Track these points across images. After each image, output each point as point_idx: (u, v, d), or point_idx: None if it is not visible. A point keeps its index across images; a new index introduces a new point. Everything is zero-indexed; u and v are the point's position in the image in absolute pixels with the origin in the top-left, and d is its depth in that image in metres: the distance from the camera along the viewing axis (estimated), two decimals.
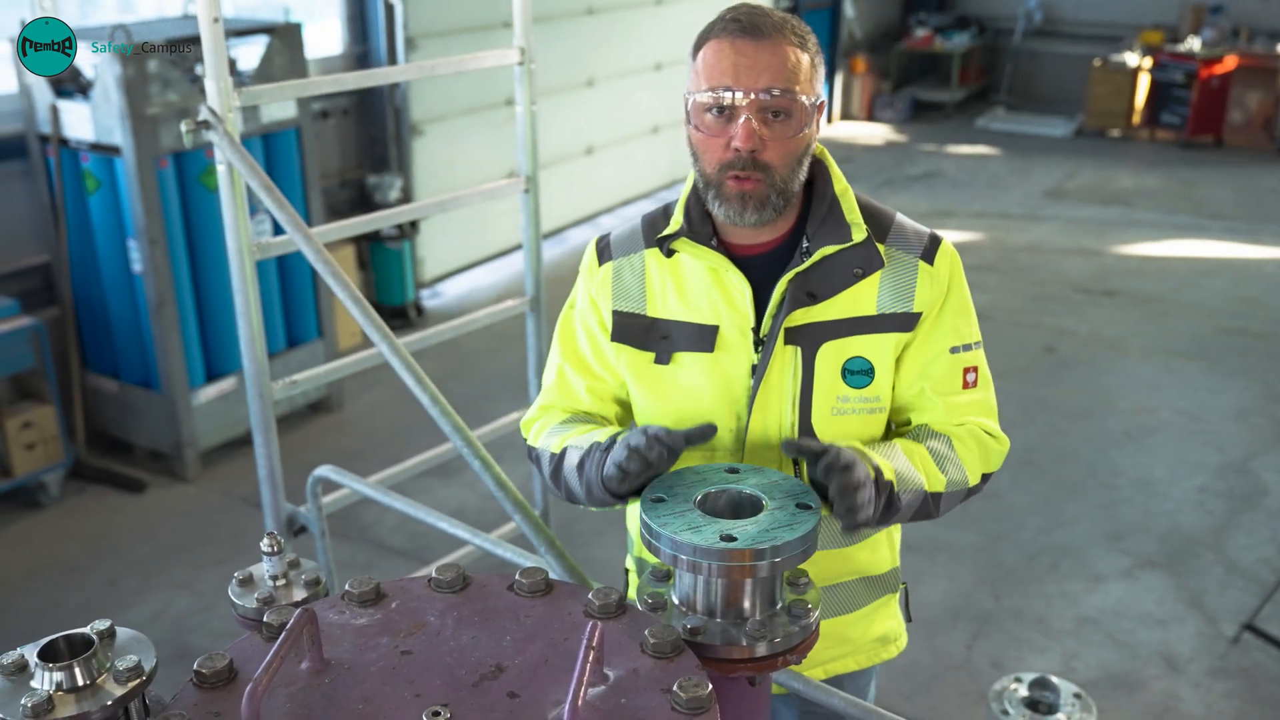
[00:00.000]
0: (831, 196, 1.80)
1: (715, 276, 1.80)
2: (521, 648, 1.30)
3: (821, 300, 1.76)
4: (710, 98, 1.67)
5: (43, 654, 1.20)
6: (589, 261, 1.95)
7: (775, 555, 1.34)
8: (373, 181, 6.64)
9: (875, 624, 1.97)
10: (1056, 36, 12.81)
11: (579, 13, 7.95)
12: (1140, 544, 4.58)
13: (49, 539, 4.65)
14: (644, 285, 1.86)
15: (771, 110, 1.67)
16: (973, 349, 1.84)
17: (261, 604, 1.41)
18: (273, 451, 2.47)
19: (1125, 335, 6.70)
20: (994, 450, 1.83)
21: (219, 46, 2.21)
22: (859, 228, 1.77)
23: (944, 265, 1.82)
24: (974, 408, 1.84)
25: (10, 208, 5.08)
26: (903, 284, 1.79)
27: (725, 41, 1.68)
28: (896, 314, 1.79)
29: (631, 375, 1.87)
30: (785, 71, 1.66)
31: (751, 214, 1.72)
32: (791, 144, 1.70)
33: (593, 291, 1.92)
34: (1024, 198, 9.63)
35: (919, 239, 1.83)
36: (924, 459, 1.75)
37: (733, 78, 1.66)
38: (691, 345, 1.81)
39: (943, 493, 1.75)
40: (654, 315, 1.85)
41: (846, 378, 1.78)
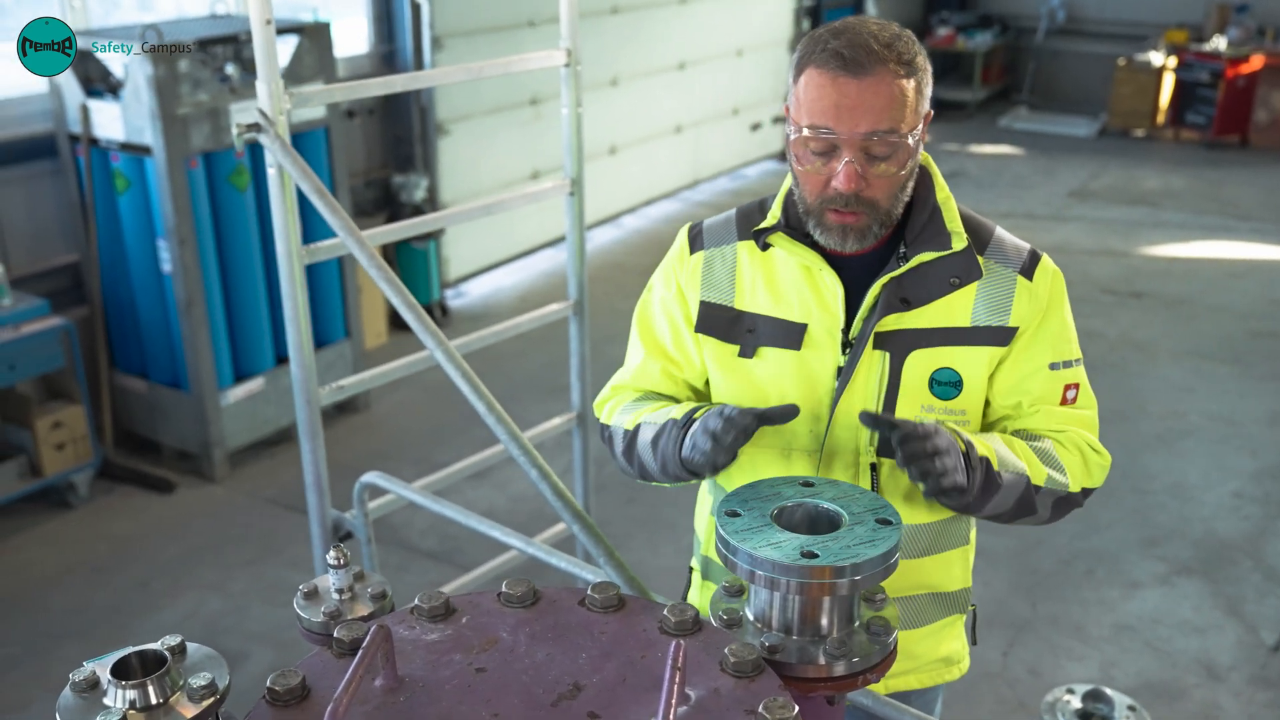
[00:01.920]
0: (933, 204, 1.77)
1: (808, 274, 1.77)
2: (598, 665, 1.28)
3: (915, 307, 1.73)
4: (810, 135, 1.64)
5: (115, 671, 1.18)
6: (680, 249, 1.92)
7: (856, 573, 1.31)
8: (398, 181, 6.62)
9: (941, 643, 1.94)
10: (1080, 35, 12.72)
11: (604, 12, 7.92)
12: (1176, 550, 4.53)
13: (78, 539, 4.65)
14: (734, 277, 1.84)
15: (875, 151, 1.63)
16: (1073, 366, 1.81)
17: (328, 618, 1.39)
18: (320, 458, 2.45)
19: (1154, 338, 6.64)
20: (1095, 463, 1.80)
21: (270, 49, 2.19)
22: (959, 236, 1.75)
23: (1044, 282, 1.79)
24: (1075, 421, 1.80)
25: (40, 207, 5.07)
26: (999, 297, 1.76)
27: (826, 76, 1.63)
28: (991, 328, 1.75)
29: (715, 366, 1.85)
30: (890, 111, 1.62)
31: (853, 244, 1.71)
32: (895, 179, 1.67)
33: (681, 280, 1.89)
34: (1048, 198, 9.56)
35: (1018, 254, 1.80)
36: (1024, 450, 1.72)
37: (834, 119, 1.62)
38: (778, 341, 1.79)
39: (1043, 487, 1.71)
40: (741, 308, 1.83)
41: (934, 388, 1.75)
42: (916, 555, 1.84)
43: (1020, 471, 1.67)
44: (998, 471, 1.63)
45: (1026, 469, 1.69)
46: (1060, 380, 1.78)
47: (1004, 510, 1.70)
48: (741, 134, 10.03)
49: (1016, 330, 1.76)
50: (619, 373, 1.97)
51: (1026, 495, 1.69)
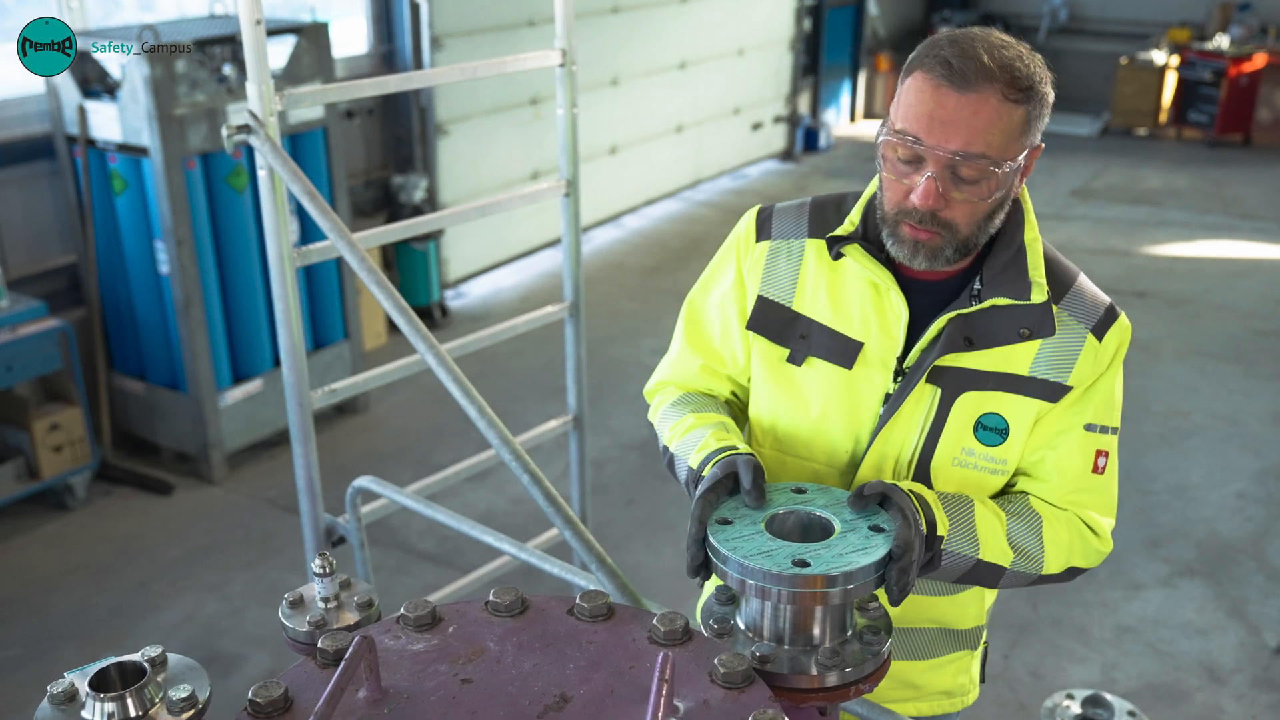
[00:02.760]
0: (1019, 243, 1.66)
1: (875, 291, 1.69)
2: (586, 676, 1.26)
3: (978, 348, 1.64)
4: (897, 140, 1.55)
5: (94, 683, 1.16)
6: (745, 232, 1.82)
7: (848, 582, 1.29)
8: (398, 181, 6.61)
9: (946, 676, 1.88)
10: (1082, 34, 12.69)
11: (604, 11, 7.90)
12: (1179, 551, 4.51)
13: (77, 541, 4.63)
14: (798, 276, 1.75)
15: (961, 172, 1.53)
16: (1109, 433, 1.70)
17: (313, 627, 1.37)
18: (311, 462, 2.43)
19: (1157, 337, 6.61)
20: (1091, 547, 1.69)
21: (261, 50, 2.17)
22: (1040, 288, 1.63)
23: (1111, 343, 1.67)
24: (1090, 495, 1.69)
25: (38, 209, 5.06)
26: (1065, 354, 1.65)
27: (929, 83, 1.52)
28: (1048, 382, 1.66)
29: (761, 367, 1.78)
30: (984, 134, 1.50)
31: (922, 261, 1.61)
32: (979, 206, 1.57)
33: (744, 266, 1.80)
34: (1051, 197, 9.53)
35: (1095, 309, 1.68)
36: (994, 530, 1.62)
37: (925, 129, 1.52)
38: (830, 355, 1.71)
39: (1004, 569, 1.62)
40: (799, 310, 1.74)
41: (978, 432, 1.66)
42: (932, 593, 1.79)
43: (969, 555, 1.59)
44: (942, 551, 1.56)
45: (979, 551, 1.60)
46: (1093, 444, 1.68)
47: (949, 579, 1.63)
48: (743, 133, 10.01)
49: (1070, 389, 1.66)
50: (662, 364, 1.92)
51: (977, 572, 1.61)
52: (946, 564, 1.57)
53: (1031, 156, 1.59)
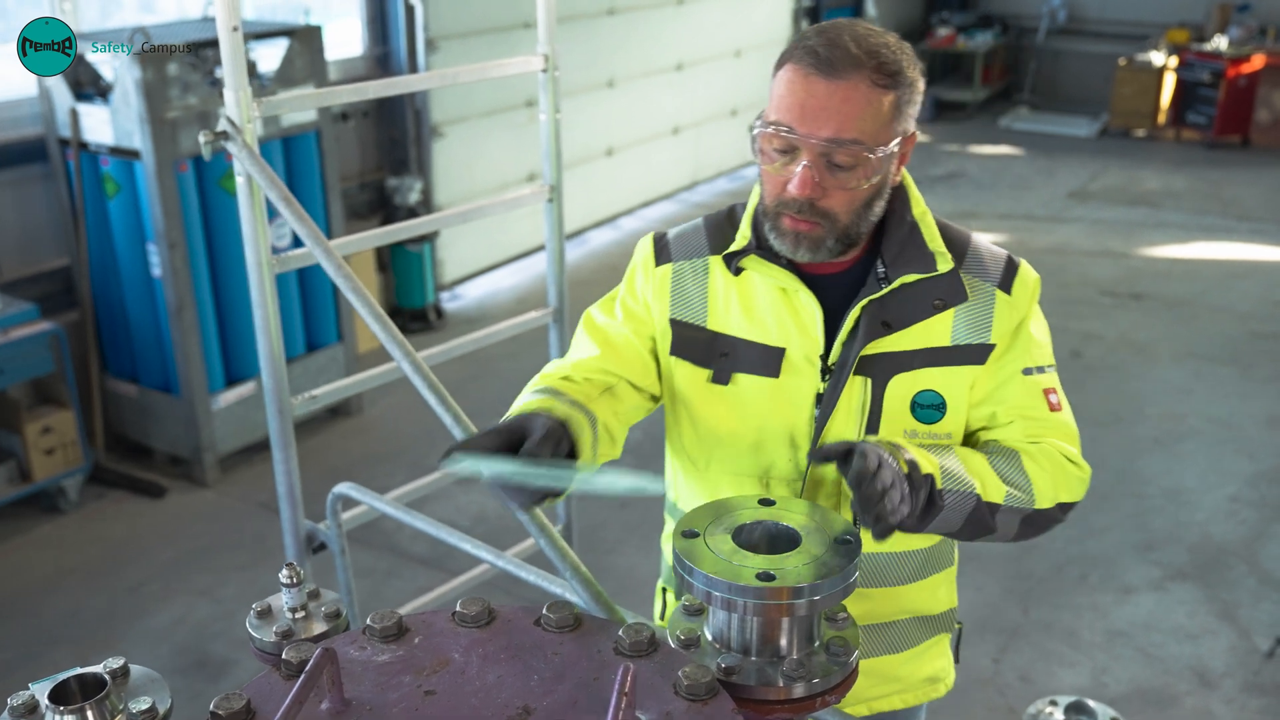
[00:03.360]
0: (910, 221, 1.68)
1: (784, 296, 1.69)
2: (550, 688, 1.25)
3: (897, 330, 1.65)
4: (771, 131, 1.56)
5: (53, 696, 1.16)
6: (644, 259, 1.81)
7: (814, 594, 1.28)
8: (393, 183, 6.60)
9: (926, 663, 1.89)
10: (1081, 35, 12.68)
11: (600, 13, 7.89)
12: (1171, 555, 4.50)
13: (69, 544, 4.63)
14: (706, 294, 1.74)
15: (836, 159, 1.55)
16: (1047, 371, 1.73)
17: (280, 637, 1.37)
18: (292, 469, 2.42)
19: (1154, 339, 6.61)
20: (1073, 476, 1.70)
21: (238, 55, 2.17)
22: (944, 257, 1.67)
23: (1022, 293, 1.71)
24: (1054, 430, 1.71)
25: (30, 211, 5.06)
26: (980, 315, 1.68)
27: (798, 73, 1.55)
28: (972, 345, 1.68)
29: (686, 391, 1.76)
30: (856, 120, 1.52)
31: (804, 253, 1.62)
32: (856, 193, 1.58)
33: (648, 294, 1.78)
34: (1048, 199, 9.53)
35: (996, 265, 1.72)
36: (980, 465, 1.62)
37: (798, 118, 1.54)
38: (754, 368, 1.70)
39: (1000, 505, 1.60)
40: (715, 329, 1.73)
41: (916, 411, 1.68)
42: (901, 582, 1.79)
43: (969, 489, 1.57)
44: (941, 490, 1.54)
45: (977, 486, 1.58)
46: (1038, 385, 1.70)
47: (952, 529, 1.61)
48: (740, 135, 10.00)
49: (994, 346, 1.69)
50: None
51: (979, 514, 1.59)
52: (950, 504, 1.55)
53: (907, 144, 1.62)
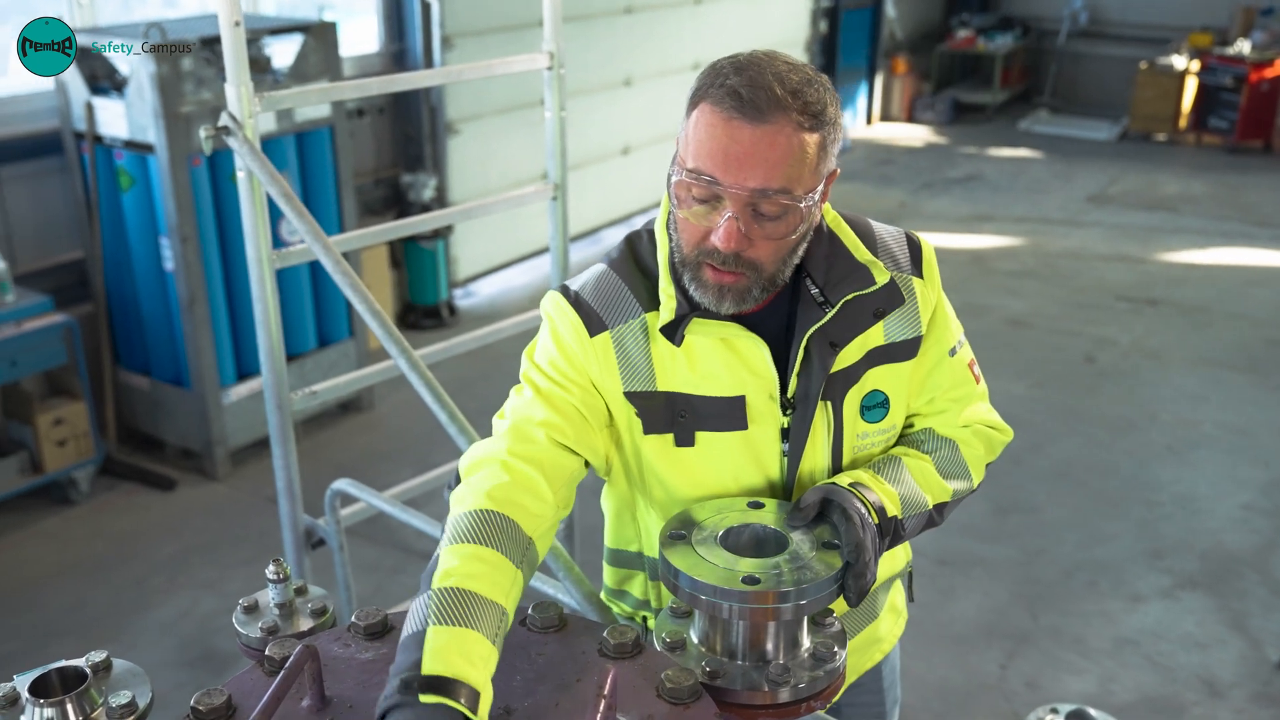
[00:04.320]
0: (826, 232, 1.61)
1: (726, 344, 1.59)
2: (531, 689, 1.25)
3: (842, 348, 1.61)
4: (692, 180, 1.46)
5: (34, 688, 1.16)
6: (572, 330, 1.61)
7: (800, 598, 1.28)
8: (407, 180, 6.61)
9: (885, 620, 1.91)
10: (1102, 38, 12.61)
11: (617, 11, 7.89)
12: (1182, 563, 4.46)
13: (79, 535, 4.66)
14: (650, 356, 1.60)
15: (763, 209, 1.46)
16: (964, 343, 1.76)
17: (266, 633, 1.37)
18: (291, 464, 2.42)
19: (1168, 345, 6.56)
20: (998, 442, 1.78)
21: (239, 51, 2.17)
22: (877, 267, 1.61)
23: (930, 274, 1.70)
24: (980, 398, 1.78)
25: (46, 204, 5.09)
26: (909, 310, 1.66)
27: (719, 116, 1.43)
28: (908, 340, 1.67)
29: (654, 460, 1.65)
30: (784, 168, 1.43)
31: (730, 305, 1.53)
32: (783, 243, 1.50)
33: (590, 367, 1.60)
34: (1066, 202, 9.47)
35: (902, 250, 1.68)
36: (928, 473, 1.66)
37: (721, 168, 1.43)
38: (718, 424, 1.61)
39: (948, 502, 1.68)
40: (666, 389, 1.61)
41: (864, 414, 1.65)
42: None
43: (922, 508, 1.63)
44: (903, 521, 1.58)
45: (929, 500, 1.64)
46: (961, 363, 1.73)
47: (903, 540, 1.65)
48: None
49: (921, 336, 1.69)
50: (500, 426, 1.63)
51: (928, 522, 1.65)
52: (910, 528, 1.61)
53: (829, 182, 1.53)
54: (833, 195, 1.66)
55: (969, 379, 1.74)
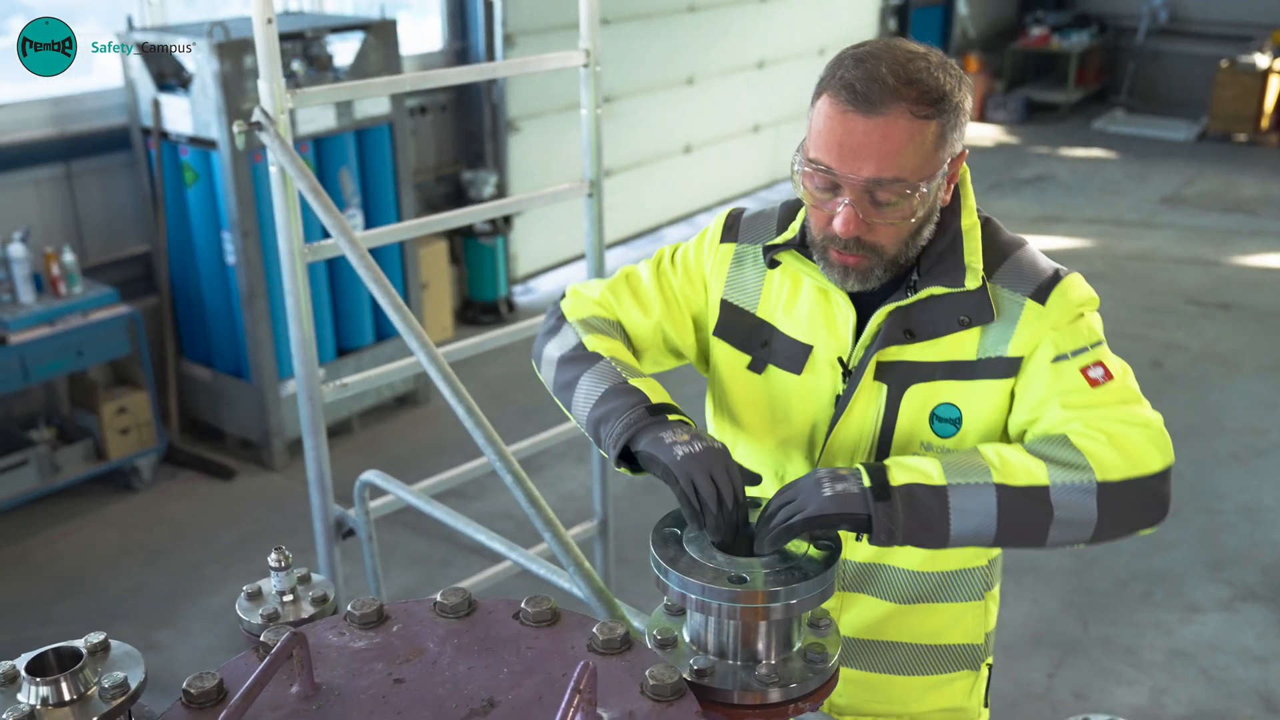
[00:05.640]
0: (955, 231, 1.62)
1: (823, 296, 1.66)
2: (517, 681, 1.25)
3: (920, 340, 1.60)
4: (811, 171, 1.53)
5: (30, 667, 1.19)
6: (711, 234, 1.79)
7: (790, 597, 1.27)
8: (468, 177, 6.67)
9: (942, 697, 1.82)
10: (1182, 36, 12.30)
11: (680, 10, 7.88)
12: (1242, 574, 4.34)
13: (139, 522, 4.77)
14: (762, 282, 1.72)
15: (879, 197, 1.50)
16: (1086, 351, 1.57)
17: (265, 620, 1.39)
18: (322, 455, 2.46)
19: (1239, 351, 6.38)
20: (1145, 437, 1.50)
21: (272, 47, 2.21)
22: (974, 273, 1.58)
23: (1059, 305, 1.58)
24: (1103, 403, 1.54)
25: (113, 199, 5.22)
26: (1002, 326, 1.59)
27: (835, 109, 1.49)
28: (995, 359, 1.59)
29: (723, 372, 1.76)
30: (898, 157, 1.47)
31: (854, 284, 1.58)
32: (903, 227, 1.54)
33: (705, 267, 1.77)
34: (1139, 203, 9.26)
35: (1036, 276, 1.61)
36: (1006, 453, 1.49)
37: (836, 158, 1.49)
38: (785, 362, 1.69)
39: (1047, 485, 1.44)
40: (762, 317, 1.72)
41: (934, 424, 1.61)
42: (913, 601, 1.73)
43: (977, 479, 1.45)
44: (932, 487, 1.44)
45: (992, 473, 1.46)
46: (1072, 368, 1.55)
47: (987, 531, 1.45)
48: None
49: (1021, 360, 1.58)
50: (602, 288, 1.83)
51: (1015, 504, 1.45)
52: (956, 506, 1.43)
53: (955, 164, 1.56)
54: None
55: (1078, 383, 1.54)
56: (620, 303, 1.78)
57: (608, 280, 1.83)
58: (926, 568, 1.72)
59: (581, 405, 1.62)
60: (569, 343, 1.70)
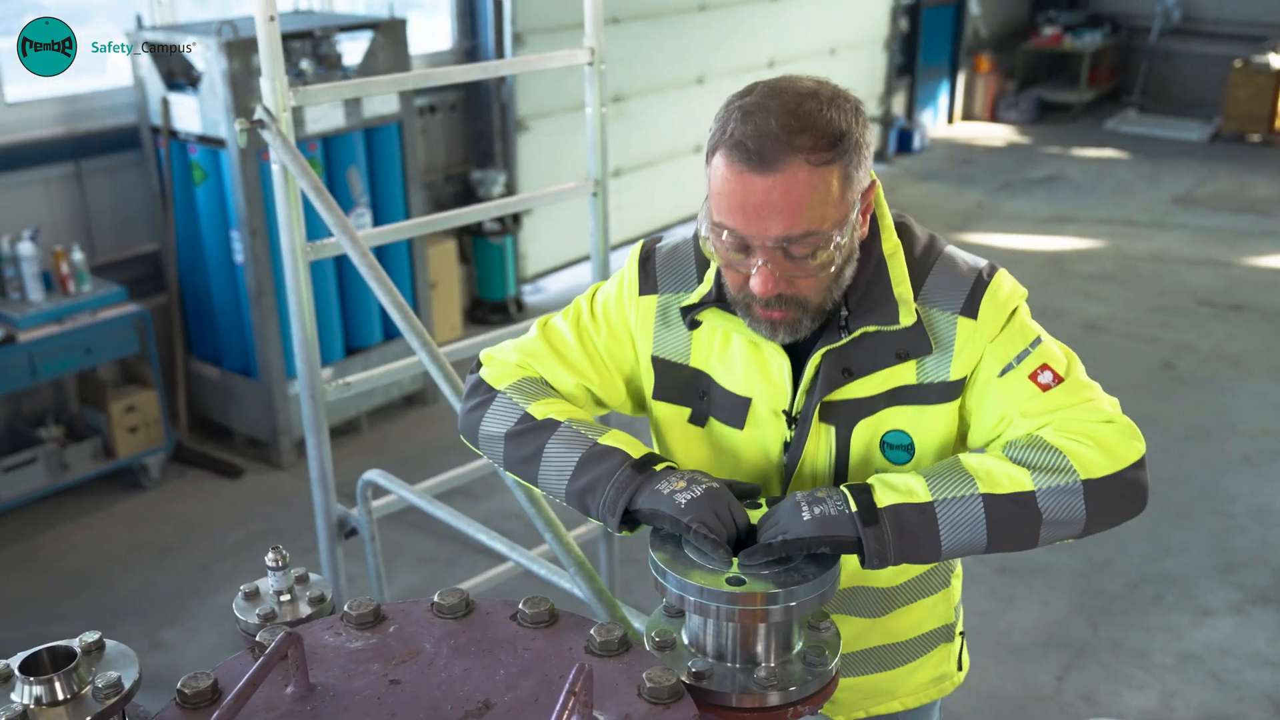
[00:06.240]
0: (878, 258, 1.55)
1: (753, 345, 1.60)
2: (513, 683, 1.25)
3: (858, 377, 1.56)
4: (720, 233, 1.46)
5: (24, 666, 1.19)
6: (629, 281, 1.70)
7: (789, 599, 1.26)
8: (477, 176, 6.67)
9: (924, 672, 1.83)
10: (1195, 35, 12.24)
11: (691, 9, 7.87)
12: (1254, 577, 4.31)
13: (147, 520, 4.78)
14: (691, 332, 1.64)
15: (794, 252, 1.43)
16: (1028, 355, 1.55)
17: (262, 620, 1.38)
18: (324, 454, 2.46)
19: (1251, 352, 6.34)
20: (1116, 432, 1.51)
21: (274, 45, 2.20)
22: (907, 307, 1.53)
23: (990, 314, 1.55)
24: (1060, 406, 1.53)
25: (123, 197, 5.22)
26: (940, 351, 1.55)
27: (732, 170, 1.41)
28: (937, 384, 1.56)
29: (666, 430, 1.70)
30: (804, 210, 1.40)
31: (784, 336, 1.52)
32: (823, 276, 1.47)
33: (630, 321, 1.69)
34: (1151, 204, 9.22)
35: (960, 288, 1.56)
36: (987, 462, 1.47)
37: (742, 221, 1.42)
38: (725, 415, 1.63)
39: (1032, 491, 1.44)
40: (697, 367, 1.64)
41: (886, 451, 1.58)
42: (888, 612, 1.73)
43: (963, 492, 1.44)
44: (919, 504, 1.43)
45: (978, 484, 1.44)
46: (1019, 377, 1.54)
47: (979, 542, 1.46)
48: None
49: (964, 380, 1.57)
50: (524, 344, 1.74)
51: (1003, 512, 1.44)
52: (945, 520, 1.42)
53: (867, 197, 1.50)
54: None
55: (1029, 392, 1.53)
56: (543, 364, 1.70)
57: (522, 341, 1.74)
58: (895, 581, 1.72)
59: (554, 479, 1.55)
60: (512, 415, 1.62)
